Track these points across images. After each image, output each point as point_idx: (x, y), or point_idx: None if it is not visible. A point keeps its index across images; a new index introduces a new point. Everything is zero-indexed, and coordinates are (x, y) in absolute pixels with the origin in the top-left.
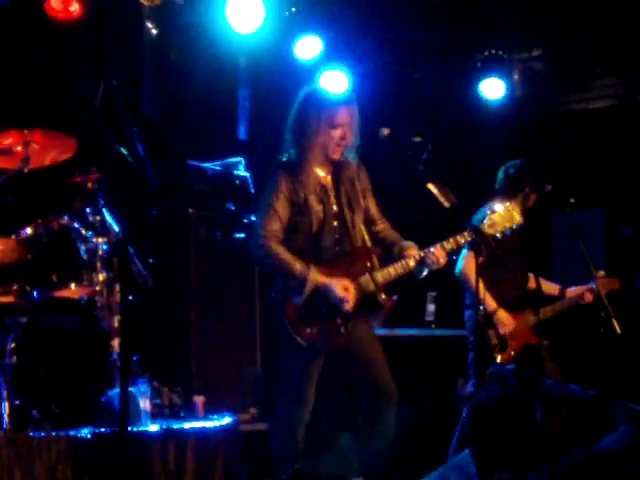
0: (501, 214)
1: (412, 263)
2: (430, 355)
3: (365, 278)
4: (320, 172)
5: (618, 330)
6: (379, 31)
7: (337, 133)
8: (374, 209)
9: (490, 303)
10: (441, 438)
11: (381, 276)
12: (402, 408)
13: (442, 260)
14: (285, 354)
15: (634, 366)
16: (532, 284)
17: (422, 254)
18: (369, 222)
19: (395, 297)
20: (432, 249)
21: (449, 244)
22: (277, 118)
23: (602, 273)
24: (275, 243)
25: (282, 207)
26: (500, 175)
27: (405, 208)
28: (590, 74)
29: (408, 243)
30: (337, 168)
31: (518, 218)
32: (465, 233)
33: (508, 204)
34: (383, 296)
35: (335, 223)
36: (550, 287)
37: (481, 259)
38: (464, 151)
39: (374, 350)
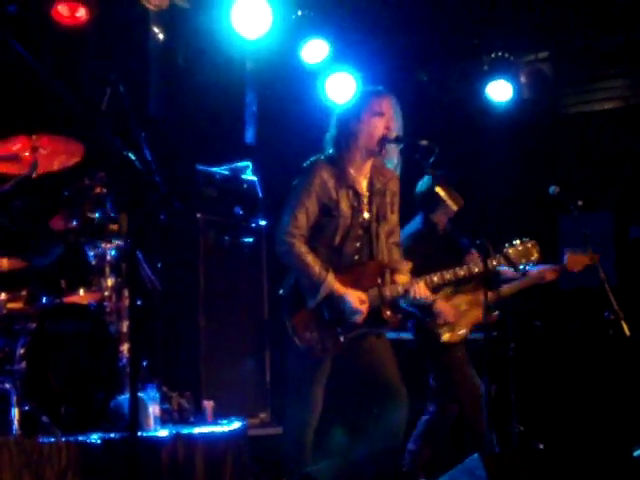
0: (518, 249)
1: (400, 290)
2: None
3: (374, 292)
4: (357, 177)
5: (627, 333)
6: (385, 34)
7: (382, 122)
8: (394, 224)
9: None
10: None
11: (389, 293)
12: (410, 412)
13: (423, 295)
14: (289, 356)
15: None
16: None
17: (406, 287)
18: (387, 235)
19: (400, 315)
20: (417, 284)
21: (458, 272)
22: (284, 122)
23: (571, 254)
24: (299, 241)
25: (312, 205)
26: (417, 191)
27: (413, 212)
28: (597, 76)
29: (403, 269)
30: (373, 175)
31: (536, 255)
32: (480, 264)
33: (527, 240)
34: (388, 313)
35: (360, 232)
36: (509, 271)
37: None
38: (471, 154)
39: (384, 359)
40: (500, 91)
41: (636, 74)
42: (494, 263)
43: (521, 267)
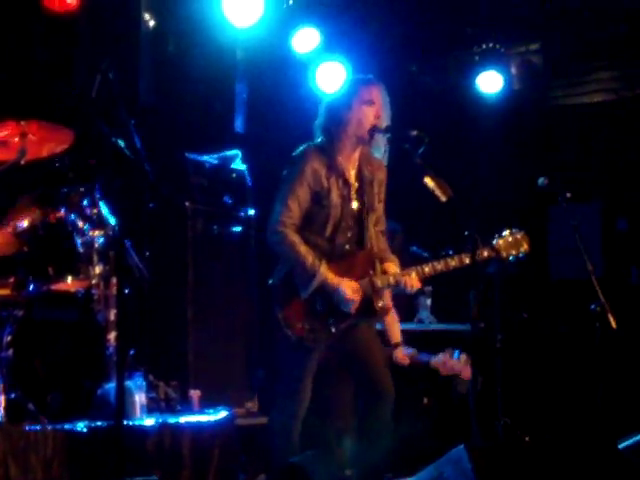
0: (507, 241)
1: (392, 280)
2: (425, 350)
3: (365, 282)
4: (346, 165)
5: (614, 325)
6: (377, 24)
7: (371, 111)
8: (380, 213)
9: None
10: (436, 433)
11: (380, 283)
12: (397, 403)
13: (414, 286)
14: (280, 347)
15: (630, 361)
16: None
17: (397, 278)
18: (374, 224)
19: (388, 304)
20: (408, 275)
21: (449, 263)
22: (274, 111)
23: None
24: (292, 231)
25: (304, 193)
26: None
27: (402, 202)
28: (587, 68)
29: (391, 257)
30: (362, 163)
31: (525, 247)
32: (469, 254)
33: (517, 231)
34: (380, 303)
35: (351, 222)
36: (396, 332)
37: None
38: (461, 145)
39: (373, 350)
40: (490, 82)
41: (626, 66)
42: (484, 254)
43: (510, 258)
